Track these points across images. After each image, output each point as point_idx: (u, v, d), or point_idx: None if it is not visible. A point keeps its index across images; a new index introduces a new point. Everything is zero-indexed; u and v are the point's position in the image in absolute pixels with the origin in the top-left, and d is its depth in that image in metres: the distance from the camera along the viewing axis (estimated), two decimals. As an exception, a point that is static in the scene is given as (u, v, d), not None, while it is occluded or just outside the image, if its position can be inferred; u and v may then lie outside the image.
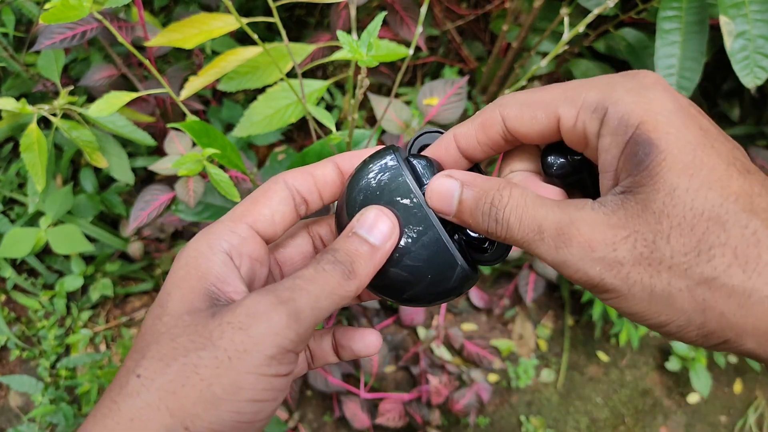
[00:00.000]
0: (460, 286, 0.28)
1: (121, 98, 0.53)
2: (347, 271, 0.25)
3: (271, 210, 0.28)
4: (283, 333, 0.23)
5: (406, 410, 0.94)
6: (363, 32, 0.41)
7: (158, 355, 0.23)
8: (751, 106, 1.04)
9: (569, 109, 0.24)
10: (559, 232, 0.23)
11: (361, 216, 0.27)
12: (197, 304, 0.25)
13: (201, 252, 0.26)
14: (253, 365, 0.23)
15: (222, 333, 0.23)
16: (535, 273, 0.98)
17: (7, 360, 1.03)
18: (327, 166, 0.30)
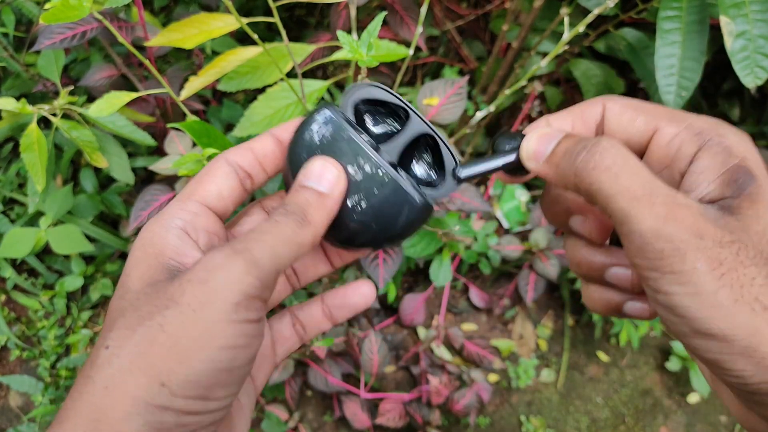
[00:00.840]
0: (418, 220, 0.28)
1: (121, 98, 0.53)
2: (300, 219, 0.26)
3: (217, 186, 0.28)
4: (244, 280, 0.23)
5: (406, 410, 0.94)
6: (363, 32, 0.41)
7: (124, 325, 0.23)
8: (751, 106, 1.04)
9: (672, 126, 0.26)
10: (673, 206, 0.23)
11: (305, 169, 0.27)
12: (157, 277, 0.25)
13: (155, 232, 0.26)
14: (219, 313, 0.23)
15: (183, 291, 0.23)
16: (535, 273, 0.98)
17: (7, 360, 1.03)
18: (265, 139, 0.30)
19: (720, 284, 0.22)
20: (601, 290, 0.29)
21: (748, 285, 0.22)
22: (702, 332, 0.22)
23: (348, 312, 0.33)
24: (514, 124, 0.98)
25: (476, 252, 1.01)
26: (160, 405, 0.22)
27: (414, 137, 0.30)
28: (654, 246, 0.22)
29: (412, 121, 0.30)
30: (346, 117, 0.29)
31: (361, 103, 0.31)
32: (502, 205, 1.09)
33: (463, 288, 1.11)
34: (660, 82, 0.67)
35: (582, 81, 0.95)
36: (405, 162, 0.31)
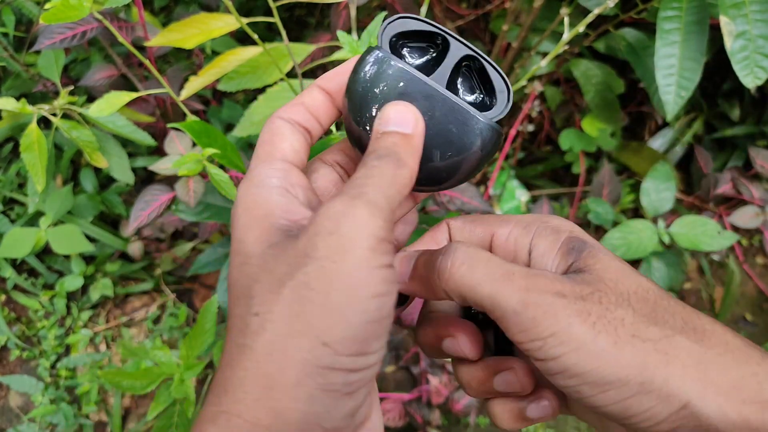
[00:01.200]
0: (493, 145, 0.28)
1: (121, 98, 0.53)
2: (395, 160, 0.25)
3: (290, 143, 0.28)
4: (371, 223, 0.22)
5: (406, 410, 0.94)
6: (363, 32, 0.41)
7: (264, 289, 0.23)
8: (751, 106, 1.04)
9: (503, 228, 0.30)
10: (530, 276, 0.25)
11: (381, 117, 0.26)
12: (275, 239, 0.24)
13: (257, 194, 0.26)
14: (359, 261, 0.22)
15: (315, 246, 0.22)
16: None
17: (7, 360, 1.03)
18: (314, 92, 0.30)
19: (596, 332, 0.23)
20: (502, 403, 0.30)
21: (620, 326, 0.23)
22: (598, 384, 0.23)
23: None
24: (515, 124, 0.98)
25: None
26: (326, 366, 0.21)
27: (457, 61, 0.30)
28: (526, 316, 0.24)
29: (452, 45, 0.30)
30: (395, 50, 0.29)
31: (394, 38, 0.30)
32: (502, 205, 1.09)
33: (463, 288, 1.11)
34: (660, 82, 0.67)
35: (582, 81, 0.95)
36: (452, 89, 0.31)
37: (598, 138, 1.04)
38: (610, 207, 0.96)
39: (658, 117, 1.12)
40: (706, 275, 1.15)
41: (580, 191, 1.07)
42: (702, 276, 1.16)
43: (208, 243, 1.05)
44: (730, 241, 0.83)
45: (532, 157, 1.16)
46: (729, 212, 1.01)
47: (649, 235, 0.85)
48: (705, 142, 1.12)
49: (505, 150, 1.00)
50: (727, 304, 1.01)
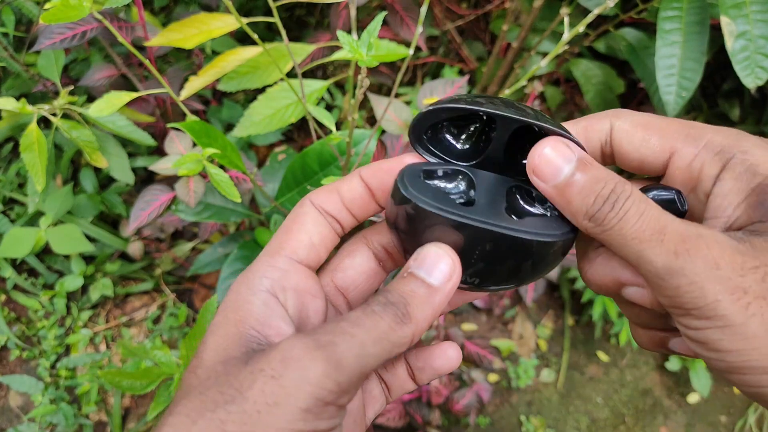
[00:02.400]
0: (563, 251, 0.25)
1: (121, 98, 0.53)
2: (400, 314, 0.22)
3: (307, 234, 0.26)
4: (320, 383, 0.20)
5: (406, 410, 0.94)
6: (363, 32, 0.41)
7: (185, 410, 0.21)
8: (751, 106, 1.04)
9: (689, 146, 0.24)
10: (684, 239, 0.21)
11: (418, 255, 0.24)
12: (232, 352, 0.23)
13: (240, 294, 0.24)
14: (285, 420, 0.20)
15: (252, 382, 0.21)
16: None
17: (7, 360, 1.03)
18: (353, 182, 0.27)
19: (748, 314, 0.20)
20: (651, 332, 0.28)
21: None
22: (740, 367, 0.21)
23: (430, 375, 0.30)
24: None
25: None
26: None
27: (508, 137, 0.26)
28: (669, 283, 0.21)
29: (497, 120, 0.26)
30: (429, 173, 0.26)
31: (429, 130, 0.27)
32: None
33: (463, 288, 1.11)
34: (660, 82, 0.67)
35: (582, 81, 0.95)
36: (511, 162, 0.28)
37: (598, 138, 1.04)
38: (610, 207, 0.96)
39: (658, 117, 1.12)
40: (706, 275, 1.15)
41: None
42: (702, 276, 1.16)
43: (208, 243, 1.05)
44: (731, 241, 0.83)
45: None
46: (729, 212, 1.01)
47: (649, 235, 0.85)
48: (705, 142, 1.12)
49: (505, 150, 1.00)
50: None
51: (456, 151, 0.28)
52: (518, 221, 0.24)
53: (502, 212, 0.25)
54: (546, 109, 1.09)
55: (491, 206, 0.25)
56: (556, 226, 0.24)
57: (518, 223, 0.24)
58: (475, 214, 0.24)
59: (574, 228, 0.25)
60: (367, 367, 0.21)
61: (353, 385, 0.21)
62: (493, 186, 0.26)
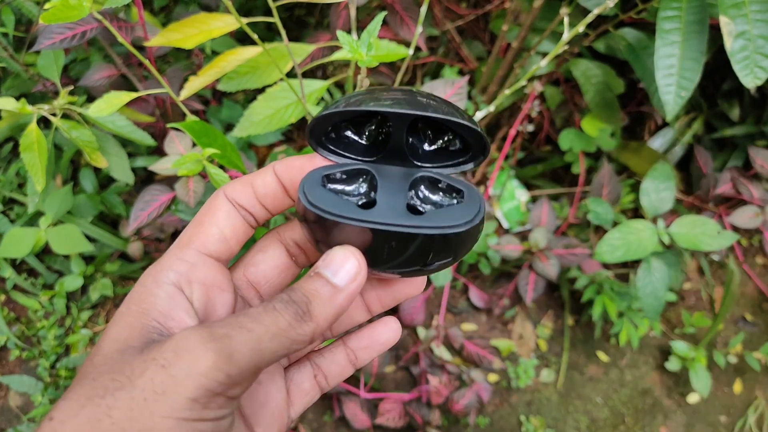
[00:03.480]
0: (472, 238, 0.26)
1: (121, 98, 0.53)
2: (302, 312, 0.23)
3: (218, 227, 0.27)
4: (209, 374, 0.21)
5: (406, 410, 0.94)
6: (363, 32, 0.41)
7: (76, 396, 0.21)
8: (750, 105, 1.04)
9: None
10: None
11: (326, 256, 0.25)
12: (132, 342, 0.23)
13: (146, 286, 0.25)
14: (170, 409, 0.20)
15: (143, 371, 0.21)
16: (535, 273, 0.98)
17: (7, 360, 1.03)
18: (266, 176, 0.28)
19: None
20: None
21: None
22: None
23: (374, 352, 0.30)
24: (514, 124, 0.98)
25: (476, 252, 1.01)
26: None
27: (406, 128, 0.27)
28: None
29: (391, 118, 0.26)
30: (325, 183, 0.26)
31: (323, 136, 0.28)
32: (502, 205, 1.09)
33: (463, 288, 1.11)
34: (660, 82, 0.67)
35: (582, 81, 0.95)
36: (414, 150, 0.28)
37: (597, 138, 1.04)
38: (610, 207, 0.96)
39: (658, 117, 1.12)
40: (706, 275, 1.15)
41: (579, 191, 1.07)
42: (702, 276, 1.16)
43: (207, 243, 1.05)
44: (730, 241, 0.83)
45: (532, 157, 1.16)
46: (729, 212, 1.01)
47: (648, 235, 0.85)
48: (705, 142, 1.12)
49: (504, 150, 1.00)
50: (726, 304, 1.01)
51: (360, 147, 0.29)
52: (419, 217, 0.25)
53: (403, 209, 0.25)
54: (546, 109, 1.09)
55: (392, 204, 0.25)
56: (459, 215, 0.25)
57: (418, 219, 0.24)
58: (374, 216, 0.24)
59: (478, 215, 0.25)
60: (262, 362, 0.22)
61: (246, 378, 0.22)
62: (397, 180, 0.27)
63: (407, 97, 0.26)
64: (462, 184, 0.27)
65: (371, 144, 0.29)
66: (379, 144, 0.29)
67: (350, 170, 0.27)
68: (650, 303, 0.89)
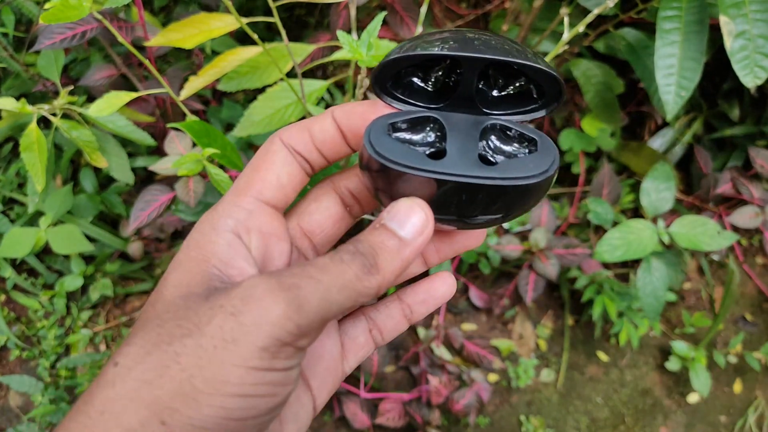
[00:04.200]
0: (542, 190, 0.25)
1: (121, 98, 0.53)
2: (369, 264, 0.22)
3: (275, 174, 0.26)
4: (279, 323, 0.20)
5: (406, 410, 0.94)
6: (363, 32, 0.41)
7: (141, 341, 0.21)
8: (750, 105, 1.04)
9: None
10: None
11: (392, 208, 0.24)
12: (194, 289, 0.22)
13: (204, 233, 0.24)
14: (241, 357, 0.20)
15: (211, 318, 0.21)
16: (535, 273, 0.98)
17: (7, 360, 1.03)
18: (325, 122, 0.26)
19: None
20: None
21: None
22: None
23: (431, 306, 0.29)
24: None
25: (476, 252, 1.01)
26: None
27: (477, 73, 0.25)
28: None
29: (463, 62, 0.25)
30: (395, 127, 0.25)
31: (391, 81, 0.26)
32: (502, 205, 1.09)
33: (463, 288, 1.11)
34: (659, 81, 0.67)
35: (582, 81, 0.95)
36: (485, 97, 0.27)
37: (597, 138, 1.04)
38: (610, 207, 0.96)
39: (658, 117, 1.12)
40: (706, 275, 1.15)
41: (579, 191, 1.07)
42: (702, 276, 1.16)
43: (207, 243, 1.05)
44: (730, 240, 0.83)
45: (532, 157, 1.16)
46: (729, 212, 1.01)
47: (648, 234, 0.85)
48: (705, 142, 1.12)
49: (504, 150, 1.00)
50: (726, 304, 1.01)
51: (427, 94, 0.27)
52: (491, 168, 0.24)
53: (475, 159, 0.24)
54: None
55: (463, 154, 0.24)
56: (532, 166, 0.24)
57: (491, 170, 0.23)
58: (444, 167, 0.23)
59: (551, 167, 0.24)
60: (329, 313, 0.22)
61: (314, 329, 0.21)
62: (466, 128, 0.25)
63: (479, 39, 0.25)
64: (535, 133, 0.26)
65: (438, 90, 0.28)
66: (447, 90, 0.27)
67: (417, 118, 0.26)
68: (650, 303, 0.89)
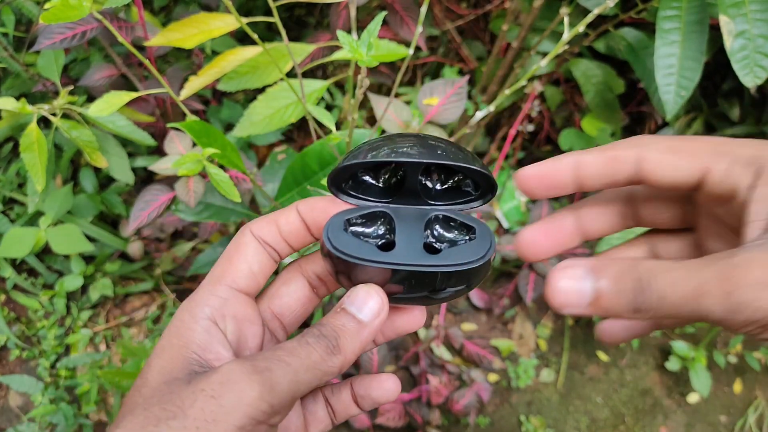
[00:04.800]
0: (482, 272, 0.28)
1: (121, 98, 0.53)
2: (332, 346, 0.25)
3: (247, 264, 0.29)
4: (254, 404, 0.23)
5: (406, 410, 0.94)
6: (363, 32, 0.41)
7: (130, 425, 0.23)
8: (750, 105, 1.04)
9: (720, 163, 0.25)
10: (726, 279, 0.21)
11: (351, 293, 0.27)
12: (176, 374, 0.25)
13: (183, 321, 0.27)
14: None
15: (194, 401, 0.23)
16: (535, 273, 0.98)
17: (7, 360, 1.03)
18: (290, 215, 0.30)
19: None
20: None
21: None
22: None
23: (371, 404, 0.32)
24: (514, 124, 0.98)
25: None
26: None
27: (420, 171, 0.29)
28: (737, 320, 0.21)
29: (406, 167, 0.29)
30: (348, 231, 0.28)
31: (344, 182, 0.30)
32: (502, 204, 1.09)
33: (463, 288, 1.11)
34: (659, 81, 0.67)
35: (582, 81, 0.95)
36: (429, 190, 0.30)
37: (597, 138, 1.04)
38: (610, 207, 0.96)
39: (658, 117, 1.12)
40: (706, 275, 1.14)
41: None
42: (702, 276, 1.16)
43: (207, 243, 1.05)
44: (730, 240, 0.83)
45: (532, 157, 1.16)
46: (729, 212, 1.01)
47: (648, 234, 0.85)
48: (705, 142, 1.12)
49: (504, 150, 1.00)
50: (726, 303, 1.01)
51: (377, 190, 0.31)
52: (435, 256, 0.27)
53: (420, 248, 0.27)
54: (546, 109, 1.09)
55: (409, 244, 0.28)
56: (472, 251, 0.27)
57: (435, 258, 0.27)
58: (393, 257, 0.26)
59: (489, 250, 0.28)
60: (298, 392, 0.24)
61: (285, 407, 0.24)
62: (413, 220, 0.29)
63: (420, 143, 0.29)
64: (473, 221, 0.29)
65: (387, 186, 0.31)
66: (396, 186, 0.31)
67: (369, 213, 0.29)
68: (650, 303, 0.88)
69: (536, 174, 0.28)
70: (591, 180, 0.28)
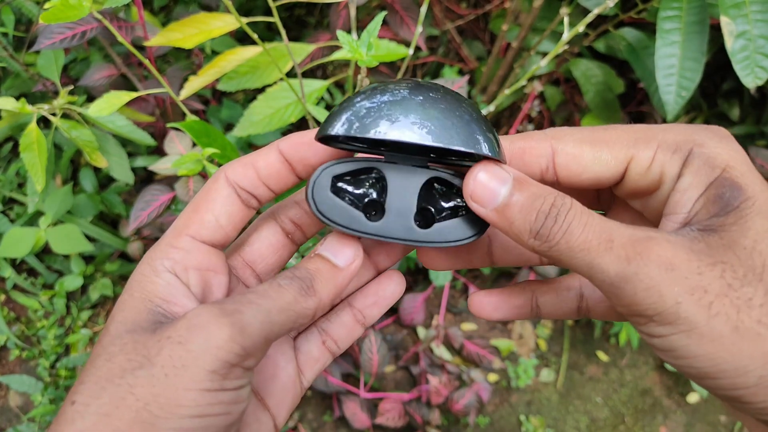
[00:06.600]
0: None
1: (120, 98, 0.53)
2: (305, 287, 0.24)
3: (214, 214, 0.27)
4: (225, 346, 0.22)
5: (406, 410, 0.94)
6: (363, 32, 0.41)
7: (94, 378, 0.22)
8: (750, 106, 1.04)
9: (644, 151, 0.23)
10: (634, 243, 0.21)
11: (326, 240, 0.27)
12: (140, 324, 0.24)
13: (144, 275, 0.25)
14: (192, 381, 0.21)
15: (160, 349, 0.22)
16: (535, 273, 0.98)
17: (7, 360, 1.03)
18: (270, 155, 0.27)
19: (711, 314, 0.20)
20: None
21: (745, 308, 0.20)
22: (711, 371, 0.20)
23: (382, 307, 0.30)
24: (514, 124, 0.98)
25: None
26: None
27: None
28: (625, 291, 0.21)
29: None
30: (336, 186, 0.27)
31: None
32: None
33: (463, 288, 1.11)
34: (660, 82, 0.67)
35: (582, 81, 0.95)
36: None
37: (597, 138, 1.04)
38: (610, 207, 0.96)
39: (658, 117, 1.12)
40: (706, 275, 1.15)
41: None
42: (702, 276, 1.16)
43: (207, 243, 1.05)
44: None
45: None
46: (729, 212, 1.01)
47: (648, 235, 0.85)
48: (705, 142, 1.12)
49: (504, 150, 1.00)
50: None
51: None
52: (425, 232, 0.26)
53: (411, 220, 0.26)
54: (546, 109, 1.09)
55: (401, 214, 0.26)
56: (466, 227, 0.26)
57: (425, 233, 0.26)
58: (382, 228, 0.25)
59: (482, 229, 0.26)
60: (272, 334, 0.23)
61: (258, 350, 0.23)
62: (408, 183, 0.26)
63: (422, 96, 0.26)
64: None
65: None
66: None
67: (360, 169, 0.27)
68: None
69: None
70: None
